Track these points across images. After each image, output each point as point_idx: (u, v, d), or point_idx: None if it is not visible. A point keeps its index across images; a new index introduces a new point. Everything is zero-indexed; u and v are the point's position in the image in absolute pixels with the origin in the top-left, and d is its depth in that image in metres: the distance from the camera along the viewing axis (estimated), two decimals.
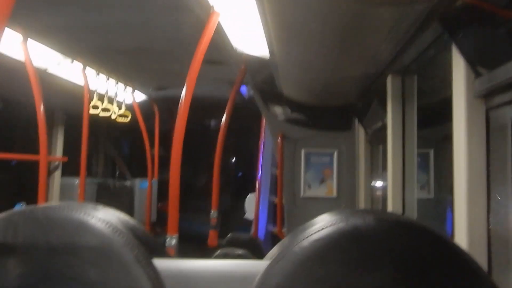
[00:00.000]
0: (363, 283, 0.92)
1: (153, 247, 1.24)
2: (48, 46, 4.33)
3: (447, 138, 2.08)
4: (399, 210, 3.18)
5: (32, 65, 4.28)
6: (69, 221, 1.04)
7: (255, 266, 1.22)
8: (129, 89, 6.34)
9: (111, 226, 1.05)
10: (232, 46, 3.86)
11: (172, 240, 3.18)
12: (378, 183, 4.67)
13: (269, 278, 0.95)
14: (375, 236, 0.93)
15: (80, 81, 5.24)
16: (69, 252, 1.02)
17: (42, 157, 4.72)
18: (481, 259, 1.83)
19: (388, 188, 3.34)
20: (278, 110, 5.36)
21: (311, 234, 0.95)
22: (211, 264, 1.27)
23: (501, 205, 1.86)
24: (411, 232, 0.95)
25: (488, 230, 1.86)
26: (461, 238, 1.89)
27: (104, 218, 1.06)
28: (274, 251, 1.19)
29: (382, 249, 0.93)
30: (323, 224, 0.96)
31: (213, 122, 10.71)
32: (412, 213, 3.23)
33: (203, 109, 7.09)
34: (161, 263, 1.13)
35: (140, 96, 6.77)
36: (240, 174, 12.63)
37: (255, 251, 4.31)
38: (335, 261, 0.93)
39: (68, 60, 4.82)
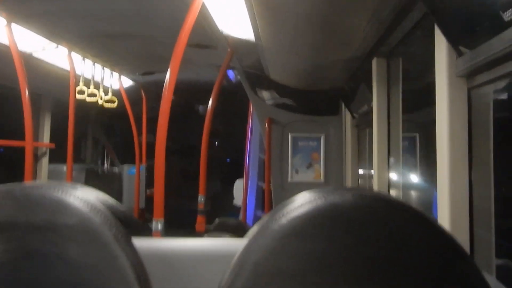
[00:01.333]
0: (341, 260, 0.92)
1: (132, 226, 1.24)
2: (32, 30, 4.29)
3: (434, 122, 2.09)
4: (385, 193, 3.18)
5: (17, 49, 4.24)
6: (47, 200, 1.04)
7: (235, 244, 1.22)
8: (116, 75, 6.30)
9: (90, 204, 1.04)
10: (218, 30, 3.84)
11: (158, 224, 3.18)
12: (364, 168, 4.68)
13: (248, 256, 0.95)
14: (352, 213, 0.93)
15: (66, 66, 5.20)
16: (48, 230, 1.02)
17: (28, 143, 4.70)
18: (463, 238, 1.84)
19: (374, 171, 3.35)
20: (265, 94, 5.36)
21: (290, 212, 0.95)
22: (191, 243, 1.27)
23: (482, 185, 1.87)
24: (389, 209, 0.95)
25: (470, 209, 1.87)
26: (443, 216, 1.90)
27: (82, 196, 1.06)
28: (253, 229, 1.19)
29: (359, 226, 0.93)
30: (301, 202, 0.95)
31: (201, 107, 10.68)
32: (398, 196, 3.24)
33: (191, 94, 7.07)
34: (141, 242, 1.13)
35: (127, 82, 6.73)
36: (229, 159, 12.62)
37: (243, 236, 4.32)
38: (313, 238, 0.93)
39: (53, 45, 4.78)
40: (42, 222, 1.02)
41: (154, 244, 1.25)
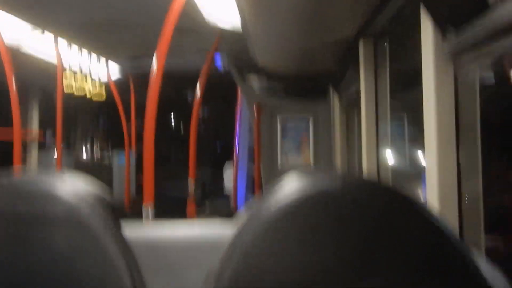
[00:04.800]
0: (332, 243, 0.92)
1: (120, 213, 1.24)
2: (17, 16, 4.26)
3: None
4: (374, 175, 3.20)
5: (2, 39, 4.22)
6: (36, 189, 1.04)
7: (226, 228, 1.22)
8: (103, 60, 6.27)
9: (78, 194, 1.04)
10: (205, 15, 3.83)
11: (148, 209, 3.19)
12: (353, 149, 4.69)
13: (239, 241, 0.95)
14: (342, 196, 0.93)
15: (53, 58, 5.18)
16: (37, 220, 1.02)
17: (16, 131, 4.68)
18: (452, 220, 1.85)
19: (363, 153, 3.35)
20: (253, 79, 5.35)
21: (279, 195, 0.95)
22: (180, 227, 1.27)
23: (470, 165, 1.88)
24: (376, 193, 0.95)
25: (459, 190, 1.87)
26: (432, 198, 1.91)
27: (71, 186, 1.05)
28: (243, 215, 1.20)
29: (349, 209, 0.93)
30: (291, 185, 0.96)
31: (190, 93, 10.67)
32: (387, 178, 3.25)
33: (179, 80, 7.05)
34: (130, 229, 1.13)
35: (115, 72, 6.71)
36: (220, 144, 12.62)
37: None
38: (304, 221, 0.93)
39: (39, 31, 4.74)
40: (29, 212, 1.02)
41: (143, 230, 1.25)
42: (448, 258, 0.92)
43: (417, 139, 3.75)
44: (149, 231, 1.26)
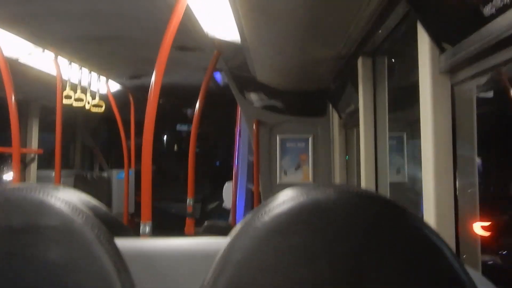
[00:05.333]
0: (325, 256, 0.92)
1: (114, 227, 1.23)
2: (17, 35, 4.27)
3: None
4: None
5: (2, 54, 4.23)
6: (28, 201, 1.03)
7: (218, 243, 1.22)
8: (103, 79, 6.28)
9: (72, 205, 1.04)
10: (203, 31, 3.84)
11: (146, 227, 3.17)
12: (352, 168, 4.69)
13: (231, 254, 0.95)
14: (335, 209, 0.93)
15: (53, 71, 5.18)
16: (29, 232, 1.01)
17: (15, 149, 4.68)
18: (449, 235, 1.84)
19: (361, 171, 3.35)
20: (253, 96, 5.36)
21: (273, 209, 0.95)
22: (174, 242, 1.26)
23: (467, 181, 1.88)
24: (372, 204, 0.95)
25: (456, 206, 1.87)
26: (429, 213, 1.90)
27: (64, 197, 1.05)
28: (236, 228, 1.19)
29: (343, 221, 0.93)
30: (284, 199, 0.95)
31: (189, 110, 10.68)
32: (385, 195, 3.25)
33: (178, 97, 7.06)
34: (123, 243, 1.13)
35: (114, 86, 6.71)
36: (218, 162, 12.61)
37: None
38: (297, 234, 0.93)
39: (39, 50, 4.76)
40: (22, 224, 1.02)
41: (137, 244, 1.24)
42: (443, 271, 0.92)
43: (416, 155, 3.75)
44: (142, 244, 1.25)
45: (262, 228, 0.94)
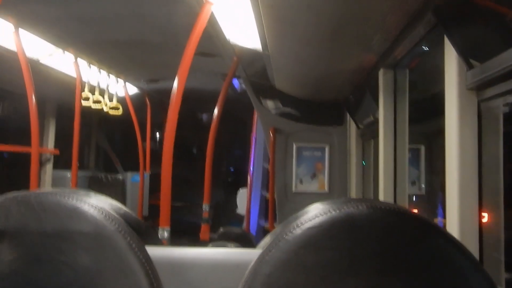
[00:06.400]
0: (356, 271, 0.92)
1: (145, 235, 1.24)
2: (39, 36, 4.30)
3: (440, 134, 2.09)
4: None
5: (25, 55, 4.25)
6: (62, 207, 1.04)
7: (247, 254, 1.22)
8: (121, 81, 6.30)
9: (104, 212, 1.04)
10: (225, 38, 3.85)
11: (164, 232, 3.17)
12: (369, 179, 4.68)
13: (262, 267, 0.95)
14: (368, 225, 0.93)
15: (72, 73, 5.21)
16: (61, 237, 1.02)
17: (34, 149, 4.69)
18: (472, 249, 1.83)
19: (380, 183, 3.34)
20: (270, 103, 5.36)
21: (304, 223, 0.95)
22: (203, 252, 1.27)
23: (492, 198, 1.87)
24: (404, 221, 0.95)
25: (480, 222, 1.86)
26: (452, 230, 1.90)
27: (96, 204, 1.06)
28: (266, 240, 1.19)
29: (375, 237, 0.93)
30: (316, 213, 0.95)
31: (204, 115, 10.69)
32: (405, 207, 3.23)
33: (196, 102, 7.07)
34: (153, 250, 1.13)
35: (132, 89, 6.73)
36: (233, 168, 12.60)
37: (247, 245, 4.31)
38: (328, 249, 0.93)
39: (60, 51, 4.78)
40: (55, 229, 1.02)
41: (166, 253, 1.25)
42: (473, 285, 0.92)
43: (436, 169, 3.73)
44: (170, 252, 1.26)
45: (294, 242, 0.94)
